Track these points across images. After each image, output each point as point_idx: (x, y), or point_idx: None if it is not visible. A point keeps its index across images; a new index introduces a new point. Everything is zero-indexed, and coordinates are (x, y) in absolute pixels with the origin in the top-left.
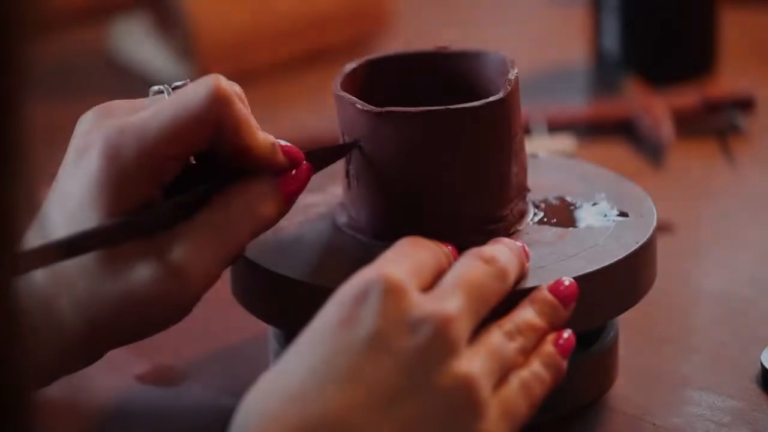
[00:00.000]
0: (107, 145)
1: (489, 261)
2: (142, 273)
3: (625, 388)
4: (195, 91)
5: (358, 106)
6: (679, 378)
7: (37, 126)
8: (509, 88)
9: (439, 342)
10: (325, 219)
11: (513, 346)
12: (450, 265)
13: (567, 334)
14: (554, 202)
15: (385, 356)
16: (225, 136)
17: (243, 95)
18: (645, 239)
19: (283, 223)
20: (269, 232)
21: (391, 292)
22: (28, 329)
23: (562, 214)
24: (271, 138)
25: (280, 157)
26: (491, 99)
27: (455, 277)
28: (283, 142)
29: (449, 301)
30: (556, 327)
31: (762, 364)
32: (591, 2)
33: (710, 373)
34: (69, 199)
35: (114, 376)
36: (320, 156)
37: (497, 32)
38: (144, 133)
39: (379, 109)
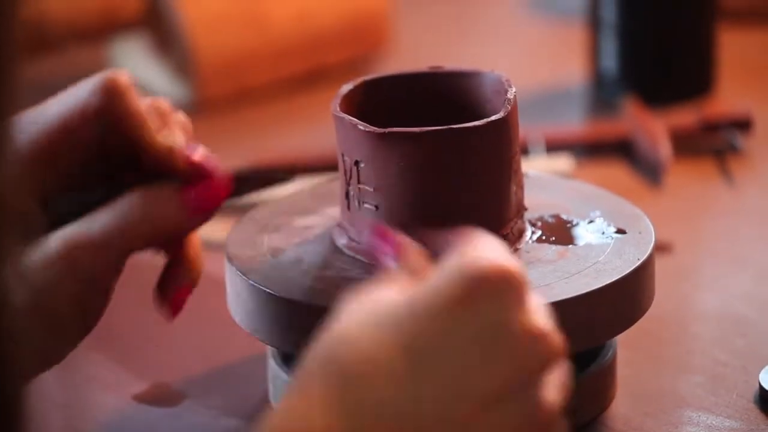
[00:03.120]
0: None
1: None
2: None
3: (623, 408)
4: (88, 80)
5: (360, 127)
6: (677, 398)
7: None
8: (509, 107)
9: (547, 362)
10: (323, 240)
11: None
12: None
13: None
14: (550, 220)
15: (501, 353)
16: (115, 132)
17: (173, 112)
18: (646, 255)
19: (281, 244)
20: (268, 254)
21: (518, 291)
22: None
23: (560, 232)
24: (171, 141)
25: (179, 162)
26: (493, 118)
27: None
28: (201, 152)
29: (544, 319)
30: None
31: (761, 384)
32: (589, 22)
33: (709, 393)
34: None
35: (112, 395)
36: (246, 179)
37: (495, 52)
38: (35, 123)
39: (381, 130)
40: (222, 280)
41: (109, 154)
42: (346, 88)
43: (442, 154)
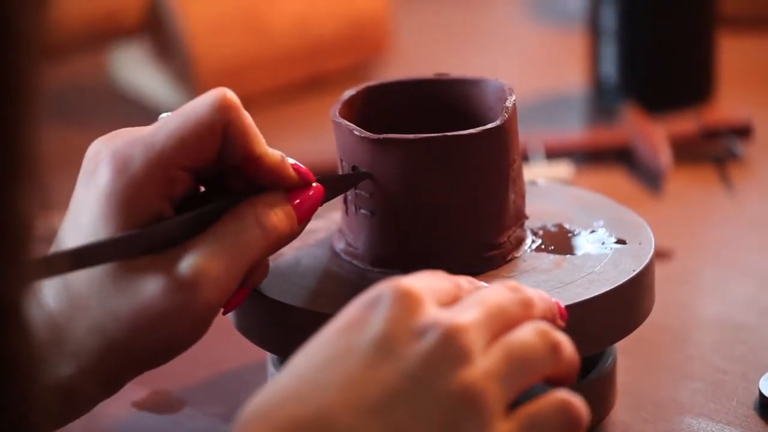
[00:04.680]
0: (115, 156)
1: (513, 289)
2: (152, 287)
3: (623, 415)
4: (202, 100)
5: (356, 132)
6: (677, 405)
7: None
8: (506, 115)
9: (446, 349)
10: (323, 245)
11: (545, 345)
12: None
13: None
14: (552, 229)
15: (387, 360)
16: (233, 145)
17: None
18: (642, 266)
19: (281, 249)
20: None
21: (403, 298)
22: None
23: (559, 242)
24: (279, 152)
25: (290, 170)
26: (488, 126)
27: (475, 296)
28: (292, 161)
29: (463, 313)
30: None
31: (760, 391)
32: (589, 29)
33: (709, 399)
34: (81, 217)
35: (111, 403)
36: (332, 182)
37: (495, 58)
38: (151, 144)
39: (377, 136)
40: None
41: (222, 168)
42: (348, 93)
43: (437, 162)
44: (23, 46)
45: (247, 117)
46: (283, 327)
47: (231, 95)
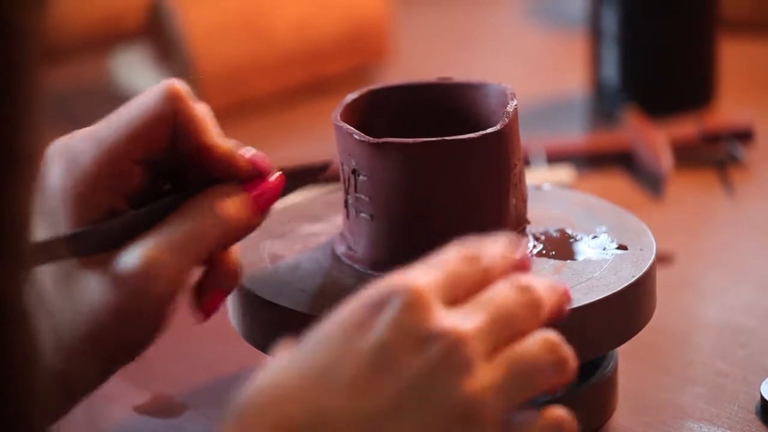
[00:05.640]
0: (65, 154)
1: (524, 290)
2: (102, 283)
3: (624, 419)
4: (149, 92)
5: (356, 136)
6: (678, 409)
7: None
8: (506, 120)
9: (448, 361)
10: (324, 248)
11: (551, 358)
12: (501, 276)
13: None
14: (555, 234)
15: (389, 368)
16: (183, 135)
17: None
18: (642, 272)
19: (282, 251)
20: (267, 260)
21: (411, 304)
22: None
23: (561, 247)
24: (231, 143)
25: (242, 160)
26: (488, 131)
27: (483, 299)
28: (252, 152)
29: (468, 320)
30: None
31: (762, 395)
32: (590, 33)
33: (710, 404)
34: (36, 217)
35: (113, 407)
36: (294, 173)
37: (496, 62)
38: (101, 138)
39: (376, 140)
40: None
41: (175, 160)
42: (351, 97)
43: (436, 166)
44: (22, 45)
45: (197, 107)
46: (283, 331)
47: (179, 86)
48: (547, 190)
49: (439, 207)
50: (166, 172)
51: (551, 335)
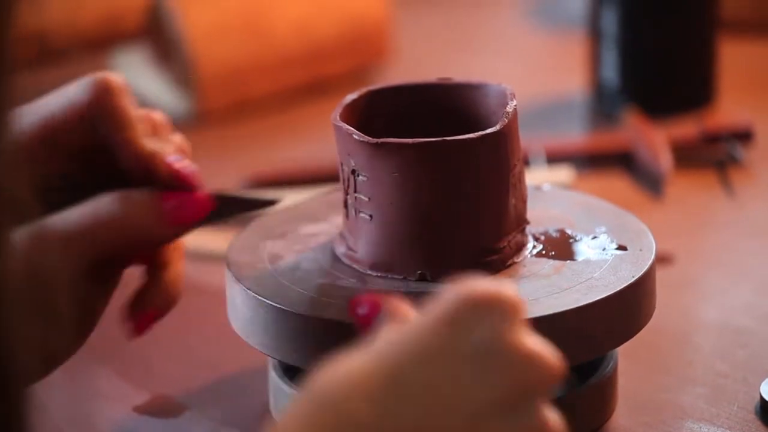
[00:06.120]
0: None
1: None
2: None
3: (624, 419)
4: (79, 80)
5: (355, 136)
6: (678, 409)
7: None
8: (506, 120)
9: (539, 383)
10: (324, 248)
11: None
12: None
13: None
14: (554, 234)
15: (487, 377)
16: (103, 128)
17: (162, 120)
18: (641, 273)
19: (282, 251)
20: (266, 261)
21: (510, 313)
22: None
23: (561, 247)
24: (155, 147)
25: (160, 167)
26: (487, 131)
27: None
28: (183, 162)
29: (553, 352)
30: None
31: (762, 396)
32: (590, 33)
33: (710, 404)
34: None
35: (112, 407)
36: (230, 200)
37: (496, 63)
38: (29, 114)
39: (374, 140)
40: (223, 293)
41: (96, 155)
42: (350, 97)
43: (433, 166)
44: None
45: (123, 102)
46: (282, 332)
47: (112, 79)
48: (547, 190)
49: (438, 207)
50: (90, 166)
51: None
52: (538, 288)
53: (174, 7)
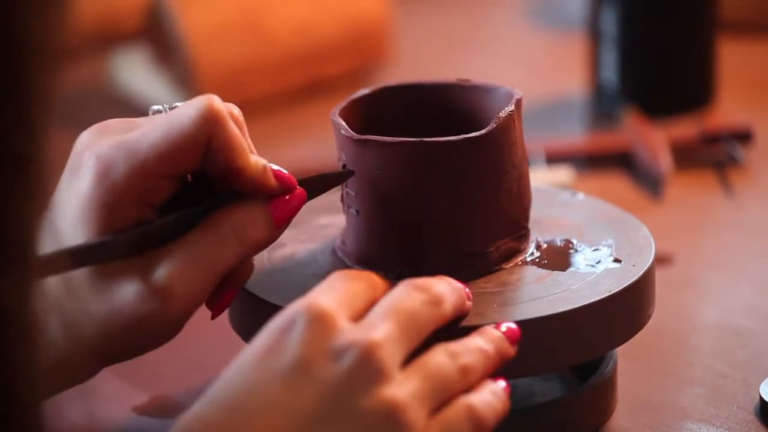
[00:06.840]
0: (98, 162)
1: (421, 289)
2: (127, 291)
3: (623, 420)
4: (187, 111)
5: (342, 131)
6: (677, 409)
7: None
8: (494, 125)
9: (364, 368)
10: (329, 242)
11: (456, 365)
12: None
13: (502, 383)
14: (559, 243)
15: (306, 384)
16: (216, 157)
17: (240, 116)
18: (619, 288)
19: (286, 241)
20: (265, 257)
21: (317, 320)
22: (43, 339)
23: (557, 257)
24: (262, 161)
25: (271, 180)
26: (468, 135)
27: (385, 306)
28: (275, 167)
29: (376, 328)
30: (503, 357)
31: (761, 396)
32: (590, 34)
33: (709, 404)
34: (60, 218)
35: (112, 407)
36: (314, 183)
37: (496, 63)
38: (135, 152)
39: (358, 137)
40: None
41: (204, 176)
42: (362, 92)
43: (414, 165)
44: (28, 52)
45: (232, 129)
46: (255, 317)
47: (218, 106)
48: (581, 199)
49: (416, 206)
50: (197, 187)
51: (451, 347)
52: (510, 297)
53: (174, 8)
